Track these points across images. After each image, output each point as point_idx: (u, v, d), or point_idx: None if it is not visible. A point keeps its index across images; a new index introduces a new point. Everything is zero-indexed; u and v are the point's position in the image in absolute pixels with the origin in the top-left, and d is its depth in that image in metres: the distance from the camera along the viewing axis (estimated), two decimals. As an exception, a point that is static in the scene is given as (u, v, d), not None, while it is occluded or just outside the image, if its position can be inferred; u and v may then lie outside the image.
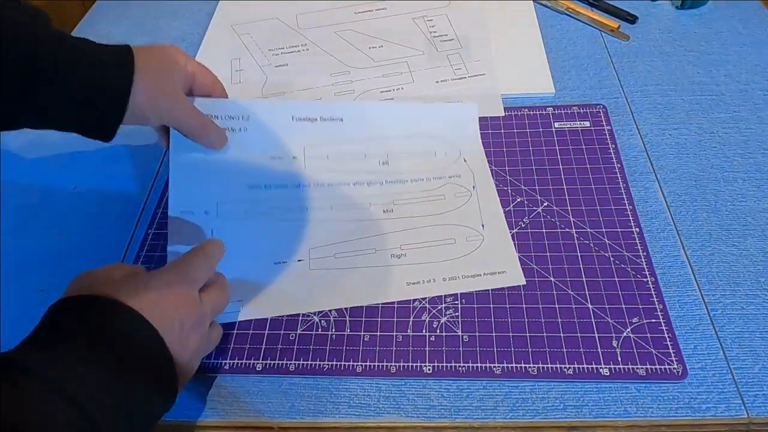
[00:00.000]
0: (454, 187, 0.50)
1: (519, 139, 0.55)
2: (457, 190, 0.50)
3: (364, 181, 0.50)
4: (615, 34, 0.65)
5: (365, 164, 0.51)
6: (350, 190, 0.50)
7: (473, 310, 0.44)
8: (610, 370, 0.40)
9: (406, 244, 0.47)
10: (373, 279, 0.45)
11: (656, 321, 0.42)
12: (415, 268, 0.46)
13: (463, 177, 0.51)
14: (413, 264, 0.46)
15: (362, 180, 0.50)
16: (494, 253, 0.46)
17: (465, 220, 0.48)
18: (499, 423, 0.39)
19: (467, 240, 0.47)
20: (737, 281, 0.44)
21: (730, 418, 0.38)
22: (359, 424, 0.39)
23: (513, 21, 0.68)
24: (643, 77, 0.60)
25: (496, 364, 0.41)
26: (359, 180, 0.50)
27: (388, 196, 0.50)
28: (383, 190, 0.50)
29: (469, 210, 0.49)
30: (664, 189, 0.51)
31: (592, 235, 0.47)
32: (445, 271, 0.46)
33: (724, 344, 0.41)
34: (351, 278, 0.46)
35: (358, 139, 0.51)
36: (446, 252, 0.47)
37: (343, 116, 0.51)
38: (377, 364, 0.42)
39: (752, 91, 0.58)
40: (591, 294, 0.44)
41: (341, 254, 0.47)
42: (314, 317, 0.44)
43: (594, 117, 0.56)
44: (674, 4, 0.68)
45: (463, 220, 0.48)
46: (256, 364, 0.42)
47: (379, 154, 0.51)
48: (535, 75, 0.61)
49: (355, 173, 0.50)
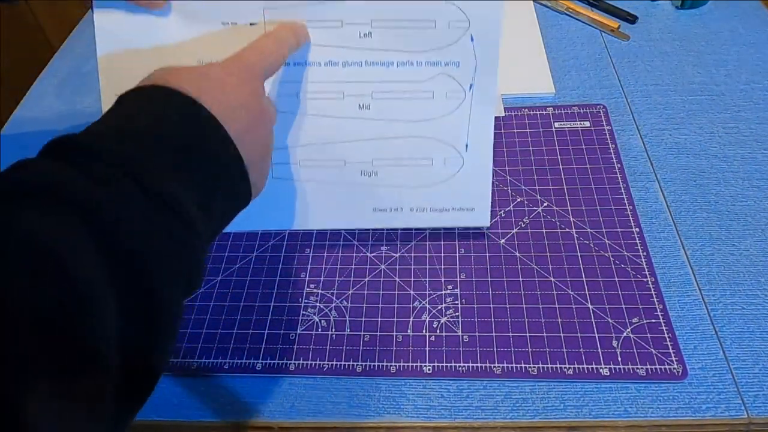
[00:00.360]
0: (448, 82, 0.41)
1: (519, 139, 0.55)
2: (450, 87, 0.41)
3: (339, 61, 0.40)
4: (615, 34, 0.65)
5: (342, 34, 0.40)
6: (321, 73, 0.40)
7: (473, 310, 0.44)
8: (610, 370, 0.40)
9: (380, 159, 0.42)
10: (340, 199, 0.42)
11: (656, 321, 0.42)
12: (385, 192, 0.42)
13: (463, 66, 0.41)
14: (383, 186, 0.42)
15: (336, 59, 0.40)
16: (470, 184, 0.42)
17: (449, 133, 0.42)
18: (499, 423, 0.39)
19: (446, 163, 0.42)
20: (737, 281, 0.44)
21: (730, 418, 0.38)
22: (359, 424, 0.39)
23: (513, 21, 0.68)
24: (643, 77, 0.60)
25: (496, 364, 0.41)
26: (333, 58, 0.40)
27: (366, 85, 0.41)
28: (361, 74, 0.40)
29: (457, 120, 0.42)
30: (664, 189, 0.51)
31: (592, 235, 0.47)
32: (415, 199, 0.42)
33: (724, 344, 0.41)
34: (316, 196, 0.42)
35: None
36: (421, 175, 0.42)
37: None
38: (377, 364, 0.42)
39: (752, 91, 0.58)
40: (591, 294, 0.44)
41: (308, 162, 0.41)
42: (314, 317, 0.44)
43: (594, 117, 0.56)
44: (674, 4, 0.68)
45: (447, 133, 0.42)
46: (256, 364, 0.42)
47: (360, 22, 0.40)
48: (535, 75, 0.61)
49: (327, 48, 0.40)
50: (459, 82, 0.41)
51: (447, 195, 0.42)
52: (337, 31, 0.40)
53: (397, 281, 0.46)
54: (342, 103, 0.41)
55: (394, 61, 0.41)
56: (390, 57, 0.41)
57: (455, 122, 0.42)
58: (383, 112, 0.41)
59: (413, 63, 0.41)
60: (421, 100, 0.41)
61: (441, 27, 0.40)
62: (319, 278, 0.47)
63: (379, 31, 0.40)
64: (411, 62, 0.41)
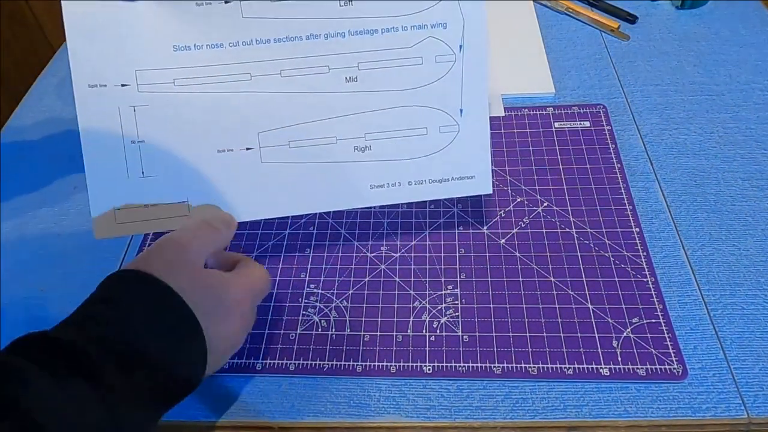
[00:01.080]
0: (437, 45, 0.40)
1: (519, 139, 0.55)
2: (439, 50, 0.40)
3: (321, 33, 0.39)
4: (615, 34, 0.65)
5: (322, 6, 0.39)
6: (303, 47, 0.39)
7: (473, 310, 0.44)
8: (610, 370, 0.40)
9: (372, 133, 0.40)
10: (335, 179, 0.40)
11: (656, 321, 0.42)
12: (381, 167, 0.41)
13: (450, 28, 0.40)
14: (378, 161, 0.41)
15: (318, 31, 0.39)
16: (467, 150, 0.41)
17: (442, 99, 0.41)
18: (499, 423, 0.39)
19: (440, 131, 0.41)
20: (737, 281, 0.44)
21: (730, 418, 0.38)
22: (359, 424, 0.39)
23: (513, 21, 0.68)
24: (643, 77, 0.60)
25: (496, 364, 0.41)
26: (314, 31, 0.39)
27: (351, 58, 0.40)
28: (346, 45, 0.39)
29: (449, 85, 0.40)
30: (664, 189, 0.51)
31: (592, 235, 0.47)
32: (413, 172, 0.41)
33: (724, 344, 0.41)
34: (309, 176, 0.40)
35: None
36: (416, 146, 0.41)
37: None
38: (377, 364, 0.42)
39: (752, 91, 0.58)
40: (591, 294, 0.44)
41: (297, 142, 0.40)
42: (314, 317, 0.44)
43: (594, 117, 0.56)
44: (674, 4, 0.68)
45: (439, 99, 0.41)
46: (256, 364, 0.42)
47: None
48: (535, 75, 0.61)
49: (308, 21, 0.39)
50: (448, 44, 0.40)
51: (445, 164, 0.41)
52: (317, 2, 0.39)
53: (397, 281, 0.46)
54: (327, 77, 0.40)
55: (378, 29, 0.39)
56: (373, 24, 0.39)
57: (447, 87, 0.40)
58: (371, 83, 0.40)
59: (398, 28, 0.39)
60: (409, 67, 0.40)
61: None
62: (319, 278, 0.47)
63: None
64: (396, 28, 0.39)
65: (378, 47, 0.40)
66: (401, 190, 0.40)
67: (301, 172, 0.40)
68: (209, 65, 0.39)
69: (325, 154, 0.40)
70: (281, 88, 0.40)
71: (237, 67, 0.39)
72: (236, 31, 0.39)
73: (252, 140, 0.40)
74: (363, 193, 0.40)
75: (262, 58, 0.39)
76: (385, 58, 0.40)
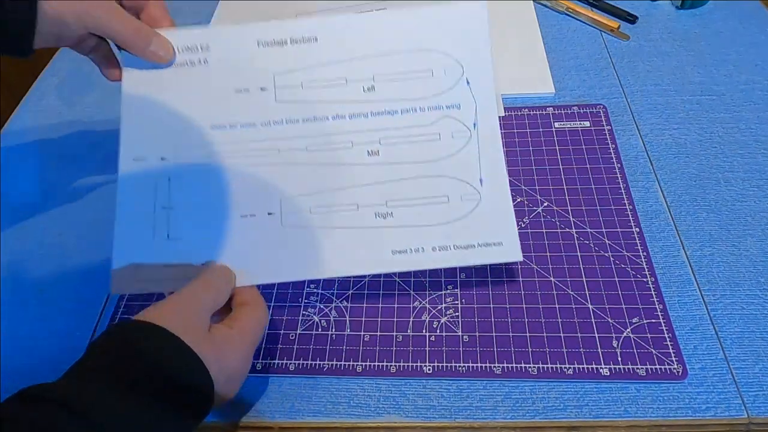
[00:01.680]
0: (452, 123, 0.42)
1: (519, 139, 0.55)
2: (455, 128, 0.42)
3: (346, 114, 0.43)
4: (615, 34, 0.65)
5: (346, 92, 0.43)
6: (329, 126, 0.43)
7: (473, 310, 0.44)
8: (610, 370, 0.40)
9: (393, 200, 0.41)
10: (355, 243, 0.41)
11: (656, 321, 0.42)
12: (403, 233, 0.41)
13: (464, 108, 0.43)
14: (400, 227, 0.41)
15: (343, 112, 0.43)
16: (491, 217, 0.41)
17: (461, 170, 0.42)
18: (499, 423, 0.39)
19: (462, 199, 0.41)
20: (737, 281, 0.44)
21: (730, 418, 0.38)
22: (359, 424, 0.39)
23: (513, 21, 0.68)
24: (643, 77, 0.60)
25: (496, 364, 0.41)
26: (339, 112, 0.43)
27: (373, 133, 0.42)
28: (368, 124, 0.43)
29: (467, 157, 0.42)
30: (664, 189, 0.51)
31: (592, 235, 0.47)
32: (436, 238, 0.41)
33: (724, 344, 0.41)
34: (330, 241, 0.41)
35: (336, 62, 0.43)
36: (438, 213, 0.41)
37: (317, 35, 0.43)
38: (377, 364, 0.42)
39: (752, 91, 0.58)
40: (591, 294, 0.44)
41: (318, 208, 0.41)
42: (314, 317, 0.44)
43: (594, 117, 0.56)
44: (674, 4, 0.68)
45: (459, 170, 0.42)
46: (256, 364, 0.42)
47: (362, 78, 0.43)
48: (535, 75, 0.61)
49: (334, 104, 0.43)
50: (463, 122, 0.43)
51: (469, 231, 0.41)
52: (342, 89, 0.43)
53: (397, 281, 0.46)
54: (351, 151, 0.42)
55: (398, 109, 0.43)
56: (394, 106, 0.43)
57: (466, 159, 0.42)
58: (392, 156, 0.42)
59: (416, 109, 0.43)
60: (428, 142, 0.42)
61: (438, 75, 0.43)
62: (319, 278, 0.47)
63: (380, 85, 0.43)
64: (414, 108, 0.43)
65: (398, 125, 0.42)
66: (425, 256, 0.40)
67: (321, 236, 0.41)
68: (241, 141, 0.42)
69: (346, 220, 0.41)
70: (306, 160, 0.42)
71: (266, 143, 0.42)
72: (268, 112, 0.43)
73: (274, 206, 0.42)
74: (385, 259, 0.40)
75: (290, 135, 0.42)
76: (405, 134, 0.42)
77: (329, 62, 0.43)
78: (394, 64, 0.43)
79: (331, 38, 0.43)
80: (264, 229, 0.41)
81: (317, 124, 0.43)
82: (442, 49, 0.43)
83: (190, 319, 0.35)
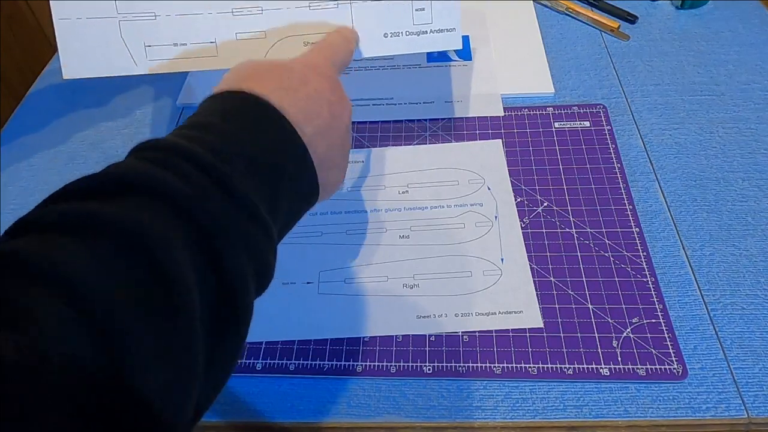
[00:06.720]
0: (475, 216, 0.49)
1: (519, 139, 0.55)
2: (478, 219, 0.49)
3: (383, 208, 0.50)
4: (615, 34, 0.65)
5: (384, 194, 0.51)
6: (367, 217, 0.50)
7: (473, 310, 0.44)
8: (610, 370, 0.40)
9: (420, 274, 0.46)
10: (383, 309, 0.44)
11: (656, 321, 0.42)
12: (427, 301, 0.44)
13: (486, 206, 0.50)
14: (425, 296, 0.45)
15: (380, 207, 0.50)
16: (512, 290, 0.44)
17: (484, 251, 0.47)
18: (499, 423, 0.39)
19: (484, 274, 0.45)
20: (737, 281, 0.44)
21: (730, 418, 0.38)
22: (359, 424, 0.39)
23: (513, 21, 0.68)
24: (643, 77, 0.60)
25: (496, 364, 0.41)
26: (377, 207, 0.50)
27: (405, 223, 0.49)
28: (401, 215, 0.50)
29: (489, 241, 0.47)
30: (664, 189, 0.51)
31: (592, 235, 0.47)
32: (459, 306, 0.44)
33: (724, 344, 0.41)
34: (360, 307, 0.44)
35: (378, 175, 0.53)
36: (461, 285, 0.45)
37: (363, 159, 0.53)
38: (377, 364, 0.42)
39: (752, 91, 0.58)
40: (591, 294, 0.44)
41: (351, 279, 0.46)
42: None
43: (594, 117, 0.56)
44: (674, 4, 0.68)
45: (482, 251, 0.47)
46: (256, 364, 0.42)
47: (399, 186, 0.52)
48: (535, 75, 0.61)
49: (373, 202, 0.51)
50: (485, 215, 0.49)
51: (490, 300, 0.44)
52: (381, 192, 0.52)
53: (397, 281, 0.46)
54: (384, 235, 0.49)
55: (428, 206, 0.50)
56: (424, 204, 0.51)
57: (487, 243, 0.47)
58: (421, 240, 0.48)
59: (443, 206, 0.50)
60: (454, 230, 0.49)
61: (463, 183, 0.52)
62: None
63: (414, 189, 0.52)
64: (442, 205, 0.50)
65: (427, 217, 0.50)
66: (448, 321, 0.43)
67: (354, 303, 0.45)
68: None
69: (376, 289, 0.45)
70: (344, 241, 0.49)
71: (312, 228, 0.49)
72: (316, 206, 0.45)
73: (313, 276, 0.47)
74: (410, 323, 0.44)
75: (333, 222, 0.50)
76: (433, 224, 0.49)
77: (371, 175, 0.53)
78: (426, 176, 0.52)
79: (375, 161, 0.53)
80: (301, 295, 0.46)
81: (357, 215, 0.50)
82: (467, 167, 0.53)
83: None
